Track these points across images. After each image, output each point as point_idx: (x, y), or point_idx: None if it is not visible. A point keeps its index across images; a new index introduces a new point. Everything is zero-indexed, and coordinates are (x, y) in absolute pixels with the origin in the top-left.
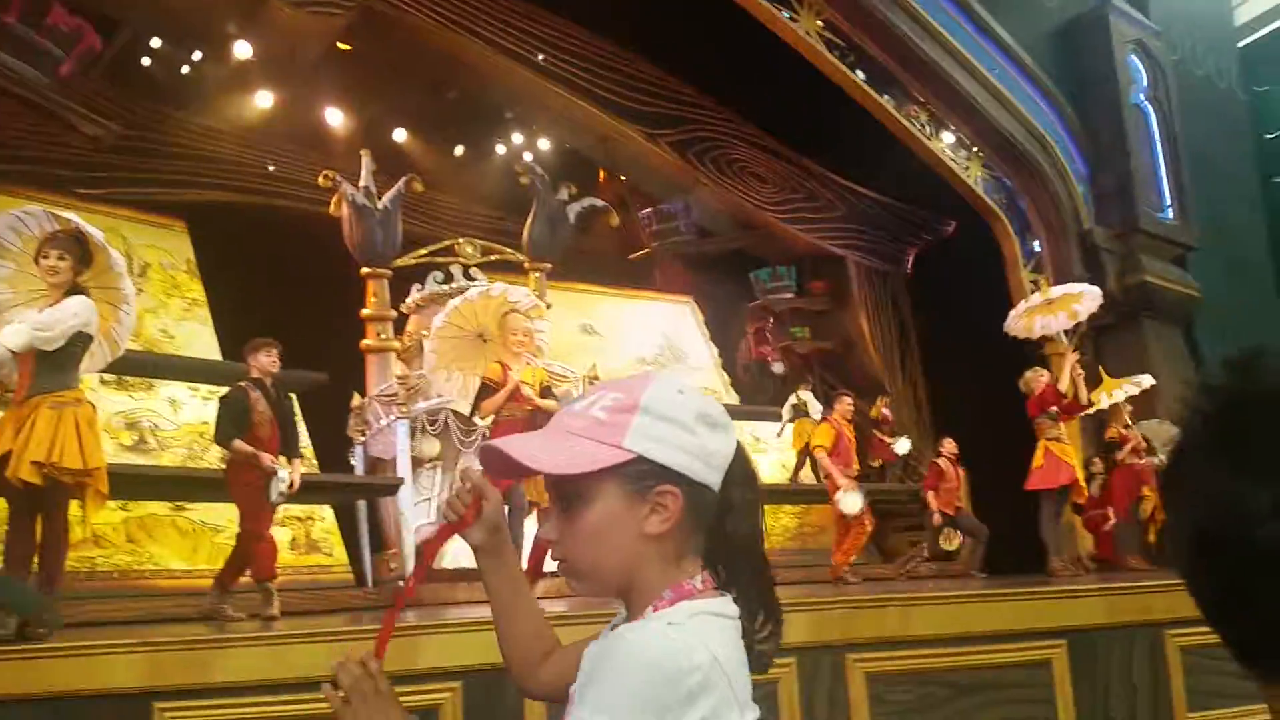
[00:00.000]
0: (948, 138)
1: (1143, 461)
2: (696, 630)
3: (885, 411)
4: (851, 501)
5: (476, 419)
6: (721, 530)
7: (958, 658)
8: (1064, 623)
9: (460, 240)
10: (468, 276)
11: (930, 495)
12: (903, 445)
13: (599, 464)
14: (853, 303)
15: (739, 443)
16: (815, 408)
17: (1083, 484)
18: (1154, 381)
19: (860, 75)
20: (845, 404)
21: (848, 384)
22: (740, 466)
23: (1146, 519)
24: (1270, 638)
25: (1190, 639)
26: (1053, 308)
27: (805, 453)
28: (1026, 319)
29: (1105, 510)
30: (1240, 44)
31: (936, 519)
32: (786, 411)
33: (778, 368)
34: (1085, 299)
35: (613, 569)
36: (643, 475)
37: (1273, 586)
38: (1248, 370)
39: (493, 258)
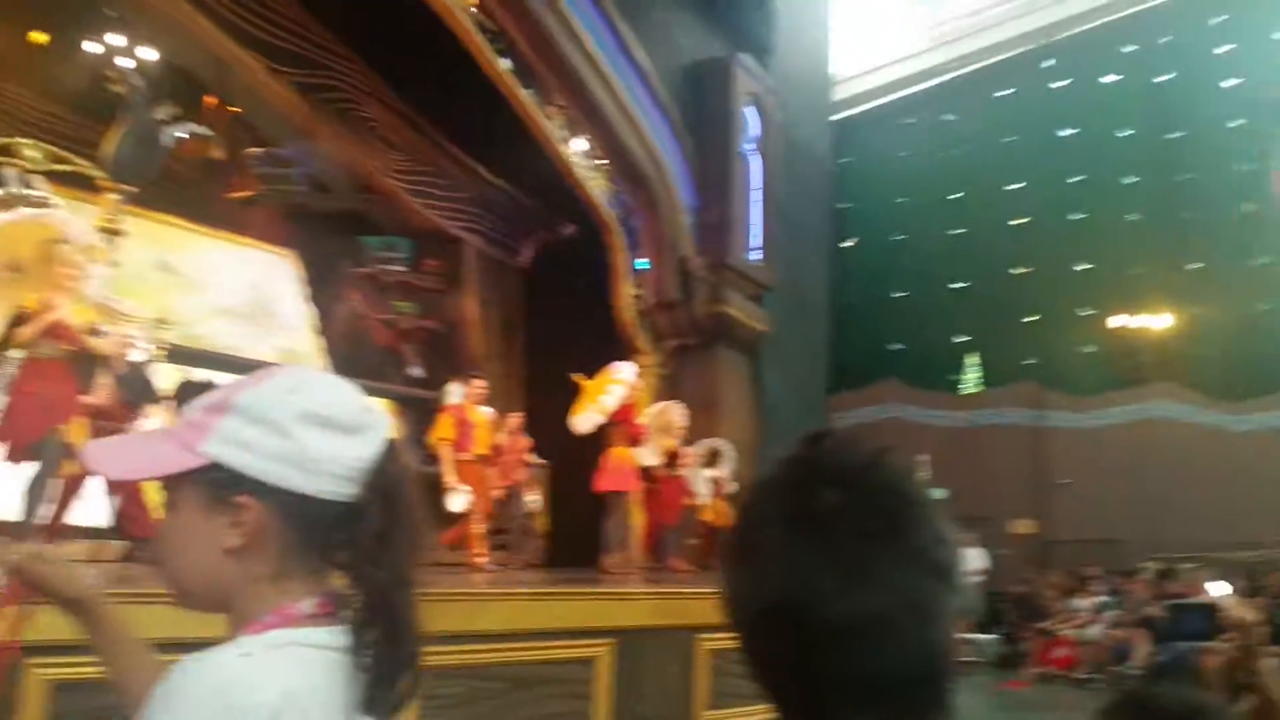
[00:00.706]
0: (580, 145)
1: (693, 474)
2: (271, 663)
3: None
4: (458, 501)
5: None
6: (353, 548)
7: (512, 653)
8: (614, 623)
9: (22, 141)
10: (26, 185)
11: (502, 468)
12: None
13: (163, 470)
14: (465, 286)
15: (390, 447)
16: (455, 397)
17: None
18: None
19: (507, 64)
20: (475, 388)
21: (449, 367)
22: (379, 476)
23: (693, 525)
24: (820, 706)
25: (717, 643)
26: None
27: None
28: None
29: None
30: (834, 118)
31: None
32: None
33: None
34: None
35: (196, 585)
36: (221, 483)
37: (832, 662)
38: (826, 450)
39: (63, 168)
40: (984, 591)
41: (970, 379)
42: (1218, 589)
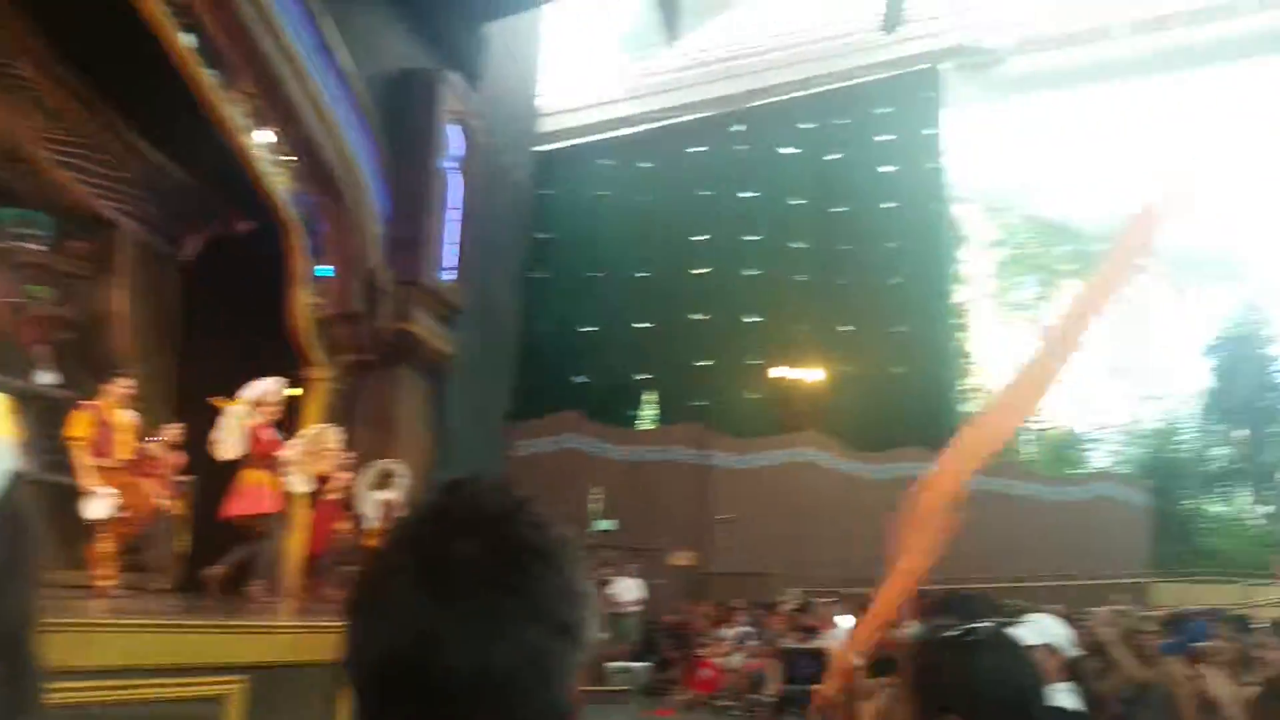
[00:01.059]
0: (265, 137)
1: (362, 496)
2: None
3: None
4: (98, 506)
5: None
6: None
7: (124, 691)
8: (248, 658)
9: None
10: None
11: (148, 481)
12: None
13: None
14: (115, 275)
15: (14, 476)
16: (98, 396)
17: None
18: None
19: (190, 40)
20: (119, 388)
21: (86, 363)
22: (3, 508)
23: (355, 552)
24: None
25: None
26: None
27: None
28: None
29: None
30: (538, 149)
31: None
32: None
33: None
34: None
35: None
36: None
37: (465, 715)
38: (464, 498)
39: None
40: (641, 620)
41: (646, 416)
42: (846, 623)
